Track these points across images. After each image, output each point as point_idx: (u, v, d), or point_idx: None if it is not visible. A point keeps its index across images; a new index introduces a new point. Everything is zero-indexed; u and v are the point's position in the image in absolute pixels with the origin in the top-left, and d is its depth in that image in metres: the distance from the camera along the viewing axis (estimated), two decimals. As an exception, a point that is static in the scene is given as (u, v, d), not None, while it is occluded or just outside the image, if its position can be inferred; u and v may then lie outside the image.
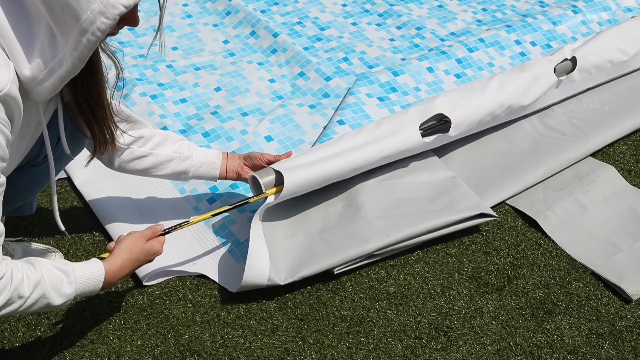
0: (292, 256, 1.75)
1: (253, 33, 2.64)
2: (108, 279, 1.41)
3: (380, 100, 2.28)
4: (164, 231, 1.58)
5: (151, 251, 1.52)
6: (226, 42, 2.63)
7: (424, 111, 1.97)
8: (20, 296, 1.25)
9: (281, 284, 1.69)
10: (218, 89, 2.37)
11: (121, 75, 1.45)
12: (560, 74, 2.21)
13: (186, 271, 1.78)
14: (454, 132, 1.99)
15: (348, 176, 1.87)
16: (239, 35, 2.65)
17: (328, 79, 2.39)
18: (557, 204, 1.96)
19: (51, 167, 1.44)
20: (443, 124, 1.99)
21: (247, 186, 1.87)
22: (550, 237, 1.89)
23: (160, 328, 1.66)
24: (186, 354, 1.60)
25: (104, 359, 1.58)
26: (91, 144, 1.54)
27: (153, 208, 1.94)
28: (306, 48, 2.57)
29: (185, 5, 2.82)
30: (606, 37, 2.31)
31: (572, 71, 2.22)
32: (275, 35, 2.58)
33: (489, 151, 2.12)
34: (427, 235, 1.82)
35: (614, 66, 2.33)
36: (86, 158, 1.58)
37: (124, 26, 1.25)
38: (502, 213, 1.97)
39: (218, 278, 1.76)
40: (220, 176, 1.78)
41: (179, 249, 1.82)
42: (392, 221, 1.82)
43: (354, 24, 2.74)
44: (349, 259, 1.74)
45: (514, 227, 1.93)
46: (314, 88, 2.38)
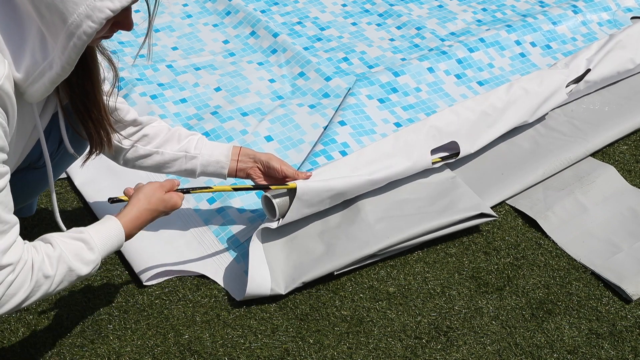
0: (293, 262, 1.75)
1: (253, 33, 2.64)
2: (128, 232, 1.40)
3: (380, 101, 2.28)
4: (183, 190, 1.54)
5: (170, 202, 1.48)
6: (226, 42, 2.63)
7: (437, 135, 1.98)
8: (46, 276, 1.24)
9: (283, 294, 1.69)
10: (218, 89, 2.37)
11: (119, 76, 1.44)
12: (568, 85, 2.21)
13: (186, 271, 1.78)
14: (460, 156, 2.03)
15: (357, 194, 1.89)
16: (239, 35, 2.65)
17: (328, 79, 2.39)
18: (557, 204, 1.96)
19: (49, 170, 1.43)
20: (454, 154, 2.01)
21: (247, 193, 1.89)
22: (550, 237, 1.89)
23: (160, 328, 1.66)
24: (186, 354, 1.60)
25: (104, 359, 1.58)
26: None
27: (153, 208, 1.94)
28: (306, 48, 2.57)
29: (185, 5, 2.82)
30: (620, 49, 2.31)
31: (580, 81, 2.22)
32: (275, 35, 2.58)
33: (489, 151, 2.12)
34: (427, 235, 1.82)
35: (620, 74, 2.34)
36: (82, 158, 1.57)
37: (118, 30, 1.24)
38: (502, 213, 1.97)
39: (218, 278, 1.76)
40: (229, 175, 1.74)
41: (179, 249, 1.82)
42: (393, 223, 1.82)
43: (354, 24, 2.74)
44: (350, 262, 1.74)
45: (514, 227, 1.93)
46: (314, 88, 2.38)
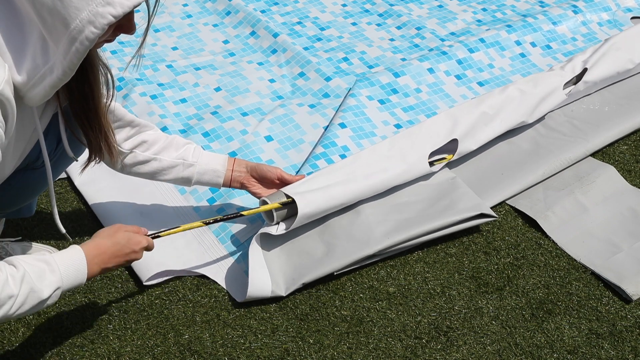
0: (293, 263, 1.75)
1: (253, 33, 2.64)
2: (90, 260, 1.36)
3: (381, 102, 2.28)
4: (151, 234, 1.54)
5: (133, 239, 1.44)
6: (226, 42, 2.62)
7: (434, 136, 1.98)
8: (9, 296, 1.22)
9: (284, 295, 1.70)
10: (218, 89, 2.37)
11: (114, 79, 1.43)
12: (566, 86, 2.21)
13: (186, 271, 1.78)
14: (455, 157, 2.02)
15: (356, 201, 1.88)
16: (239, 35, 2.65)
17: (328, 79, 2.39)
18: (557, 204, 1.96)
19: (48, 172, 1.42)
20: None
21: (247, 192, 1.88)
22: (550, 237, 1.89)
23: (160, 328, 1.66)
24: (186, 354, 1.60)
25: (104, 359, 1.58)
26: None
27: (153, 208, 1.94)
28: (306, 48, 2.57)
29: (185, 5, 2.82)
30: (616, 50, 2.31)
31: (579, 82, 2.22)
32: (275, 35, 2.58)
33: (489, 151, 2.12)
34: (427, 235, 1.82)
35: (619, 74, 2.34)
36: (81, 165, 1.55)
37: (120, 33, 1.24)
38: (502, 213, 1.97)
39: (218, 279, 1.76)
40: (224, 184, 1.77)
41: (179, 249, 1.82)
42: (393, 226, 1.82)
43: (354, 24, 2.74)
44: (350, 262, 1.74)
45: (514, 227, 1.93)
46: (314, 88, 2.38)
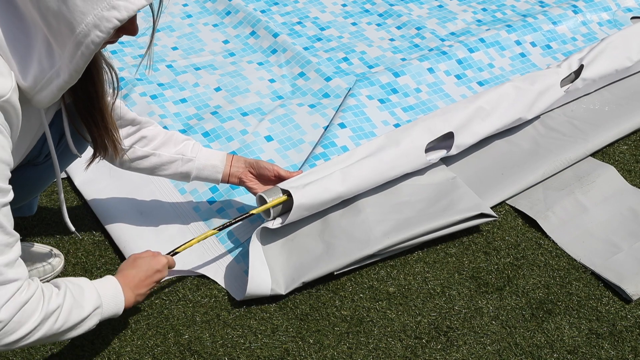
0: (293, 262, 1.75)
1: (253, 33, 2.64)
2: (123, 287, 1.42)
3: (381, 102, 2.28)
4: (169, 253, 1.62)
5: (153, 261, 1.52)
6: (226, 42, 2.62)
7: (432, 130, 1.98)
8: (54, 309, 1.24)
9: (283, 294, 1.70)
10: (218, 89, 2.37)
11: (119, 77, 1.44)
12: (564, 84, 2.21)
13: (186, 271, 1.78)
14: (455, 151, 2.02)
15: (354, 194, 1.88)
16: (239, 35, 2.65)
17: (328, 79, 2.39)
18: (557, 204, 1.96)
19: (57, 170, 1.44)
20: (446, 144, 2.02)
21: (247, 192, 1.88)
22: (550, 237, 1.89)
23: (160, 328, 1.66)
24: (186, 354, 1.60)
25: (104, 359, 1.58)
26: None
27: (153, 208, 1.94)
28: (306, 48, 2.57)
29: (185, 5, 2.82)
30: (612, 49, 2.31)
31: (576, 79, 2.23)
32: (275, 35, 2.58)
33: (489, 151, 2.12)
34: (428, 235, 1.82)
35: (618, 72, 2.34)
36: (86, 161, 1.57)
37: (123, 35, 1.25)
38: (502, 213, 1.97)
39: (218, 278, 1.77)
40: (222, 180, 1.78)
41: (179, 249, 1.82)
42: (393, 226, 1.82)
43: (354, 24, 2.74)
44: (350, 262, 1.75)
45: (514, 227, 1.93)
46: (314, 88, 2.38)
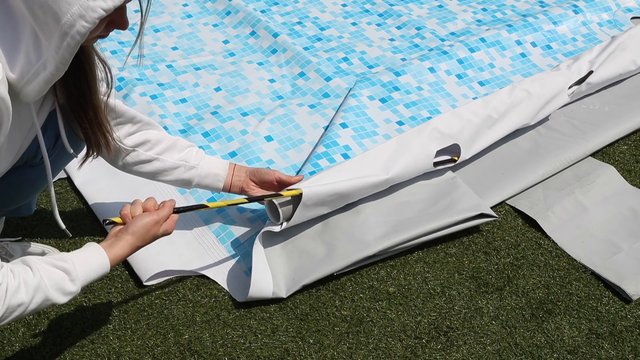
0: (294, 264, 1.75)
1: (253, 33, 2.63)
2: (113, 264, 1.38)
3: (382, 101, 2.28)
4: (177, 209, 1.51)
5: (160, 235, 1.46)
6: (226, 42, 2.62)
7: (440, 137, 1.96)
8: (19, 304, 1.23)
9: (284, 297, 1.70)
10: (218, 89, 2.37)
11: (113, 76, 1.44)
12: (569, 87, 2.21)
13: (186, 271, 1.78)
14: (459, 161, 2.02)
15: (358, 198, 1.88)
16: (239, 35, 2.65)
17: (328, 79, 2.39)
18: (557, 204, 1.96)
19: (47, 168, 1.43)
20: (453, 159, 2.00)
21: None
22: (550, 237, 1.89)
23: (160, 328, 1.66)
24: (186, 354, 1.60)
25: (104, 359, 1.58)
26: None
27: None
28: (306, 48, 2.57)
29: (185, 5, 2.82)
30: (621, 51, 2.31)
31: (582, 83, 2.22)
32: (275, 35, 2.58)
33: (489, 151, 2.12)
34: (428, 235, 1.82)
35: (622, 75, 2.34)
36: (79, 161, 1.56)
37: (113, 29, 1.24)
38: (502, 213, 1.97)
39: (218, 279, 1.76)
40: (224, 189, 1.76)
41: (180, 249, 1.82)
42: (393, 226, 1.82)
43: (354, 24, 2.73)
44: (351, 263, 1.74)
45: (514, 227, 1.93)
46: (314, 88, 2.38)
